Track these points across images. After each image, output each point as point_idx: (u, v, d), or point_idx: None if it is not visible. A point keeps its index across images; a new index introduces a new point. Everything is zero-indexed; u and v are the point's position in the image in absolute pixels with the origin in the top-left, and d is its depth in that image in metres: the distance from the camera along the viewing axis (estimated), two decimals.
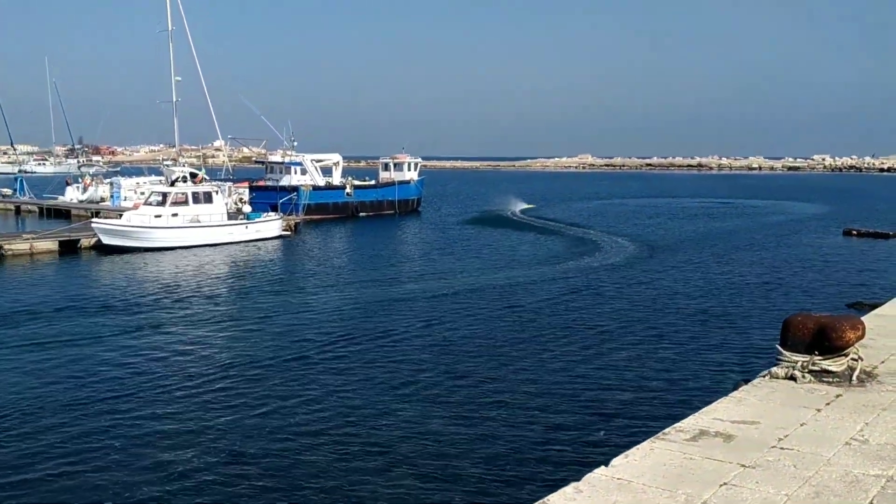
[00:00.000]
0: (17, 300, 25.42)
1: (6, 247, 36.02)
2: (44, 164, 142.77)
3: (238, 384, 16.40)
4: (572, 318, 22.83)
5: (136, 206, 43.46)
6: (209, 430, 13.66)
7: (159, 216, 39.95)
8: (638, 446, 6.56)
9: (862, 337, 8.78)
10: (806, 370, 8.53)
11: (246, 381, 16.65)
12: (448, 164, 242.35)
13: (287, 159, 60.92)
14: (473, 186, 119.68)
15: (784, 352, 8.84)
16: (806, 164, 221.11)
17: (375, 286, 28.65)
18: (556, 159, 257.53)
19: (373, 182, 66.75)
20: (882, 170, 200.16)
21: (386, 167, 69.06)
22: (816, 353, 8.63)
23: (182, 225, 40.28)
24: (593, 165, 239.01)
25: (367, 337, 20.54)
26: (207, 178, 46.18)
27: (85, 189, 62.81)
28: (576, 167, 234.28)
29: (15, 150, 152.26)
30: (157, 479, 11.66)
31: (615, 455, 6.38)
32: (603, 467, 6.08)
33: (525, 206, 72.37)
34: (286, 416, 14.34)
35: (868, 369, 8.79)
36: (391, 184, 65.84)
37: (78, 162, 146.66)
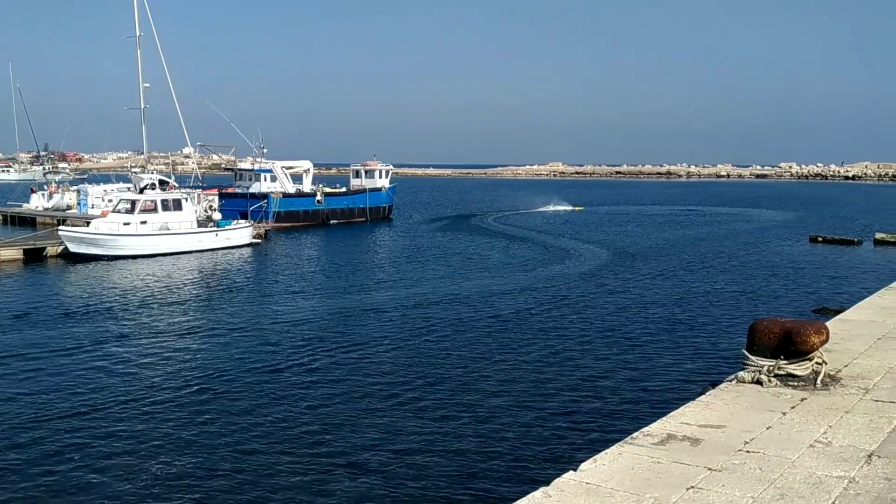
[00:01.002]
0: None
1: None
2: (8, 170, 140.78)
3: (207, 394, 16.25)
4: (542, 326, 22.92)
5: (104, 214, 42.91)
6: (176, 441, 13.52)
7: (128, 224, 39.49)
8: (606, 451, 6.61)
9: (826, 341, 8.93)
10: (772, 374, 8.65)
11: (215, 391, 16.50)
12: (420, 171, 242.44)
13: (257, 166, 60.56)
14: (445, 194, 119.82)
15: (750, 356, 8.96)
16: (773, 172, 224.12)
17: (346, 294, 28.57)
18: (528, 167, 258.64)
19: (344, 189, 66.55)
20: (847, 177, 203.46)
21: (357, 174, 68.93)
22: (782, 357, 8.76)
23: (151, 233, 39.87)
24: (564, 173, 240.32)
25: (337, 345, 20.46)
26: (177, 185, 45.78)
27: (50, 196, 61.90)
28: (547, 175, 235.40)
29: None
30: (120, 492, 11.51)
31: (584, 460, 6.41)
32: (572, 472, 6.11)
33: (571, 207, 78.17)
34: (255, 426, 14.23)
35: (832, 373, 8.93)
36: (362, 191, 65.71)
37: (43, 169, 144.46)
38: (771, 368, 8.67)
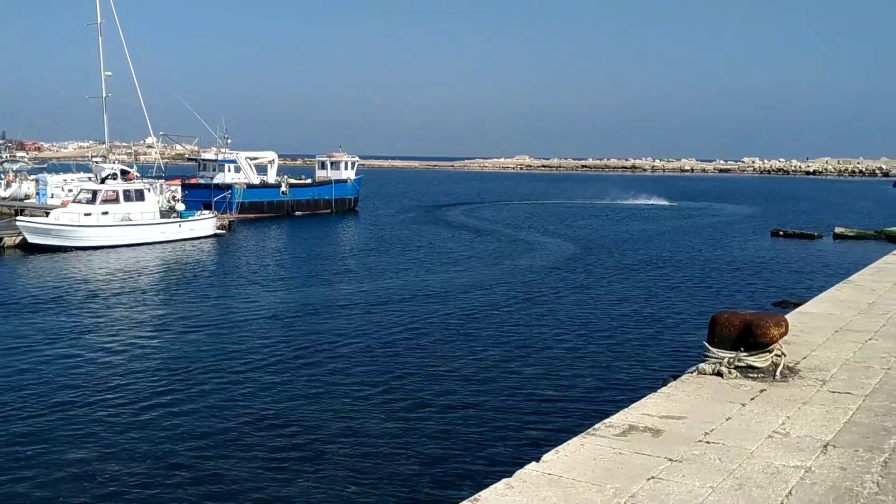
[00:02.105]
0: None
1: None
2: None
3: (167, 389, 16.05)
4: (506, 318, 23.00)
5: (64, 204, 42.14)
6: (135, 437, 13.35)
7: (89, 214, 38.85)
8: (569, 442, 6.63)
9: (785, 334, 9.05)
10: (732, 366, 8.75)
11: (176, 386, 16.31)
12: (386, 163, 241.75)
13: (221, 157, 59.93)
14: (412, 186, 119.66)
15: (711, 348, 9.04)
16: (736, 167, 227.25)
17: (311, 287, 28.41)
18: (495, 160, 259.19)
19: (309, 181, 66.11)
20: (808, 172, 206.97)
21: (322, 166, 68.49)
22: (742, 349, 8.86)
23: (113, 223, 39.25)
24: (530, 166, 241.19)
25: (302, 338, 20.34)
26: (139, 175, 45.11)
27: (8, 185, 60.58)
28: (514, 168, 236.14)
29: None
30: (78, 489, 11.33)
31: (548, 451, 6.44)
32: (534, 463, 6.12)
33: (666, 202, 77.42)
34: (218, 420, 14.10)
35: (791, 365, 9.06)
36: (328, 183, 65.30)
37: (1, 158, 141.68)
38: (731, 360, 8.77)
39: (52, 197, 52.68)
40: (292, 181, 63.45)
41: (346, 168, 67.78)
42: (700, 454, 6.39)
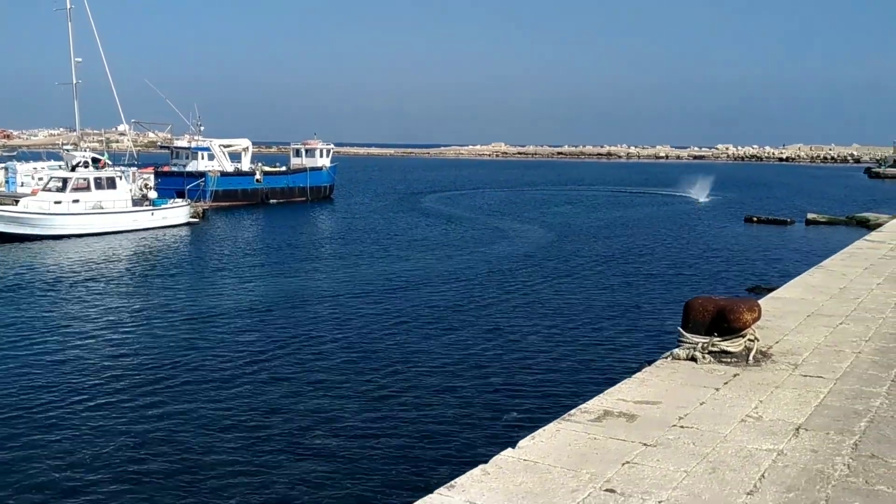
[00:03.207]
0: None
1: None
2: None
3: (138, 381, 15.90)
4: (482, 306, 23.03)
5: (34, 192, 41.53)
6: (108, 430, 13.22)
7: (59, 202, 38.32)
8: (544, 427, 6.64)
9: (758, 318, 9.12)
10: (706, 351, 8.80)
11: (147, 377, 16.16)
12: (362, 150, 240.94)
13: (194, 144, 59.33)
14: (387, 173, 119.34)
15: (685, 334, 9.10)
16: (710, 154, 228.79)
17: (284, 276, 28.28)
18: (471, 147, 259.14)
19: (284, 168, 65.69)
20: (781, 159, 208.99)
21: (297, 153, 68.08)
22: (716, 334, 8.92)
23: (84, 211, 38.76)
24: (506, 153, 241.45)
25: (276, 328, 20.25)
26: (111, 163, 44.55)
27: None
28: (489, 155, 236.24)
29: None
30: (52, 483, 11.21)
31: (523, 437, 6.44)
32: (510, 449, 6.13)
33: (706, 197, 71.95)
34: (191, 412, 13.99)
35: (764, 349, 9.14)
36: (303, 170, 64.93)
37: None
38: (705, 345, 8.83)
39: (21, 185, 51.79)
40: (267, 169, 63.02)
41: (321, 155, 67.42)
42: (674, 439, 6.43)
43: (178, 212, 43.64)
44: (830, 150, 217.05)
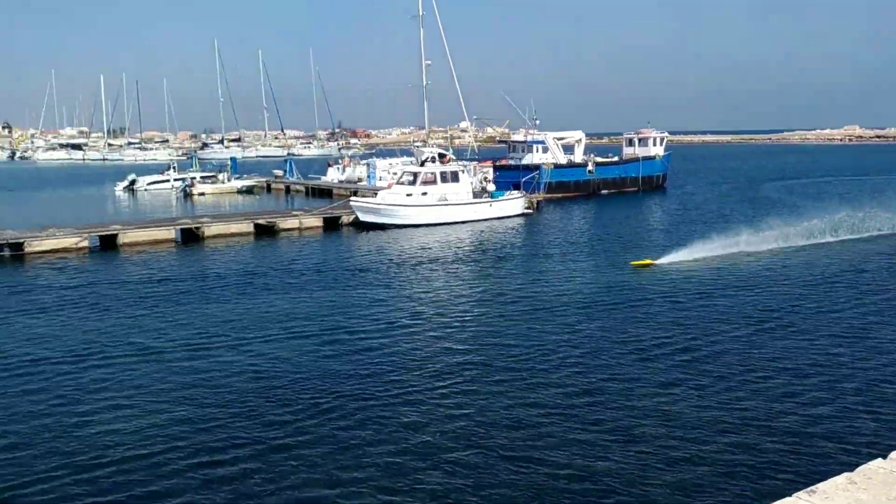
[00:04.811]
0: (289, 268, 28.00)
1: (280, 224, 39.84)
2: (308, 146, 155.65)
3: (488, 364, 16.83)
4: (836, 308, 21.01)
5: (389, 186, 45.87)
6: (459, 408, 14.15)
7: (410, 195, 41.97)
8: None
9: None
10: None
11: (490, 365, 17.04)
12: (696, 138, 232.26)
13: (529, 138, 61.43)
14: (722, 161, 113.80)
15: None
16: None
17: (617, 268, 28.11)
18: (818, 131, 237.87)
19: (616, 159, 65.53)
20: None
21: (630, 143, 67.52)
22: None
23: (431, 203, 41.99)
24: (861, 137, 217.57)
25: (600, 322, 20.25)
26: (454, 157, 47.72)
27: (344, 170, 67.56)
28: (840, 139, 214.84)
29: (285, 134, 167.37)
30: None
31: (892, 449, 5.78)
32: (880, 459, 5.53)
33: None
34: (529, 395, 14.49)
35: None
36: (635, 160, 64.22)
37: (338, 145, 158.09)
38: None
39: (380, 179, 57.71)
40: (598, 160, 63.33)
41: (654, 144, 66.18)
42: None
43: (513, 203, 45.51)
44: None
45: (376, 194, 44.84)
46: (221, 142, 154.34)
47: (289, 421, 13.12)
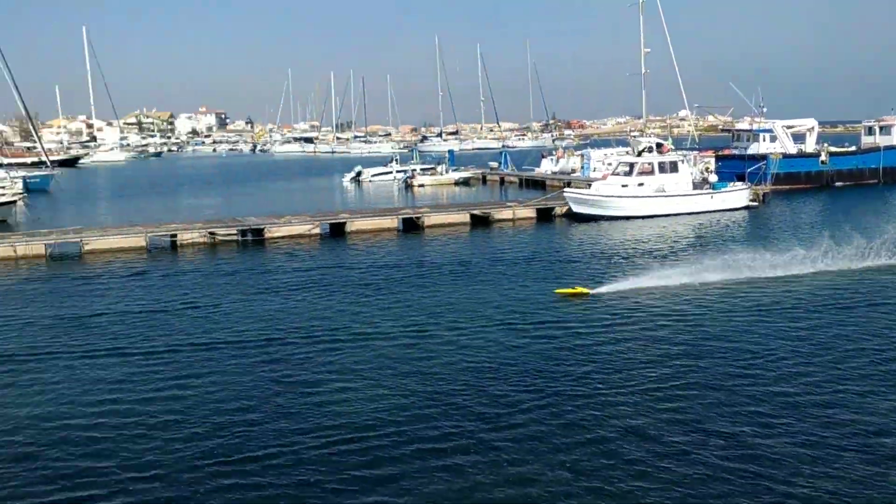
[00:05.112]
0: (501, 258, 28.51)
1: (494, 215, 40.53)
2: (522, 138, 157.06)
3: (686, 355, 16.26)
4: None
5: (604, 177, 45.17)
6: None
7: (626, 186, 41.14)
8: None
9: None
10: None
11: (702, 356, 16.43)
12: None
13: (755, 126, 58.25)
14: None
15: None
16: None
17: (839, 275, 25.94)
18: None
19: (853, 148, 60.46)
20: None
21: (870, 131, 62.04)
22: None
23: (647, 195, 40.91)
24: None
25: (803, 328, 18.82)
26: (673, 147, 46.25)
27: (557, 161, 67.59)
28: None
29: (500, 126, 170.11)
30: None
31: None
32: None
33: None
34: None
35: None
36: (875, 150, 58.84)
37: (552, 136, 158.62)
38: None
39: (594, 170, 57.14)
40: (833, 149, 58.73)
41: None
42: None
43: (737, 195, 43.31)
44: None
45: (590, 185, 44.42)
46: (440, 135, 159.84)
47: (498, 415, 13.32)
